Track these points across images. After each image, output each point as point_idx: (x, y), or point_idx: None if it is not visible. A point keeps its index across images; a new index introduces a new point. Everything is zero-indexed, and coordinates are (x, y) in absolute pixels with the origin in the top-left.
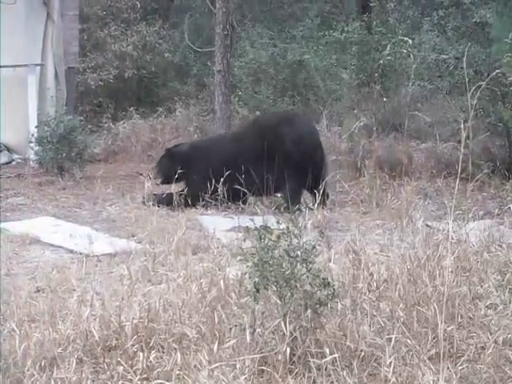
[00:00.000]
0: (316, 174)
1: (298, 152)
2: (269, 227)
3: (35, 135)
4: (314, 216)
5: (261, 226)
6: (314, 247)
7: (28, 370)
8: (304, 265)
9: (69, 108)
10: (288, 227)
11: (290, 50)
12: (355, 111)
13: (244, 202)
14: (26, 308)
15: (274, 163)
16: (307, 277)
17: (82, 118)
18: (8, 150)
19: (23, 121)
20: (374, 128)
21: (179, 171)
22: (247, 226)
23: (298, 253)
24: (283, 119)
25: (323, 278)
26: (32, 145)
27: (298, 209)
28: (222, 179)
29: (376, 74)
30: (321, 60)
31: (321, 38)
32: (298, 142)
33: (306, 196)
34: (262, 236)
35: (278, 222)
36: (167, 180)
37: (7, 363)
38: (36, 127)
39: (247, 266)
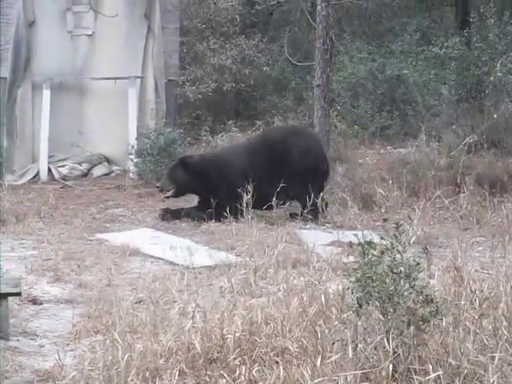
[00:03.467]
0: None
1: (307, 162)
2: (372, 242)
3: (135, 147)
4: (414, 232)
5: (364, 241)
6: (418, 264)
7: (132, 381)
8: (407, 281)
9: (168, 120)
10: (392, 243)
11: (389, 64)
12: (454, 127)
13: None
14: (128, 319)
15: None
16: (410, 293)
17: (181, 130)
18: (107, 161)
19: (123, 132)
20: (474, 144)
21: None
22: (350, 241)
23: (402, 269)
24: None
25: (426, 295)
26: (132, 156)
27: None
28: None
29: (486, 91)
30: (419, 75)
31: (420, 53)
32: (307, 153)
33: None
34: (366, 251)
35: (381, 238)
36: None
37: (110, 374)
38: (136, 139)
39: (350, 282)
